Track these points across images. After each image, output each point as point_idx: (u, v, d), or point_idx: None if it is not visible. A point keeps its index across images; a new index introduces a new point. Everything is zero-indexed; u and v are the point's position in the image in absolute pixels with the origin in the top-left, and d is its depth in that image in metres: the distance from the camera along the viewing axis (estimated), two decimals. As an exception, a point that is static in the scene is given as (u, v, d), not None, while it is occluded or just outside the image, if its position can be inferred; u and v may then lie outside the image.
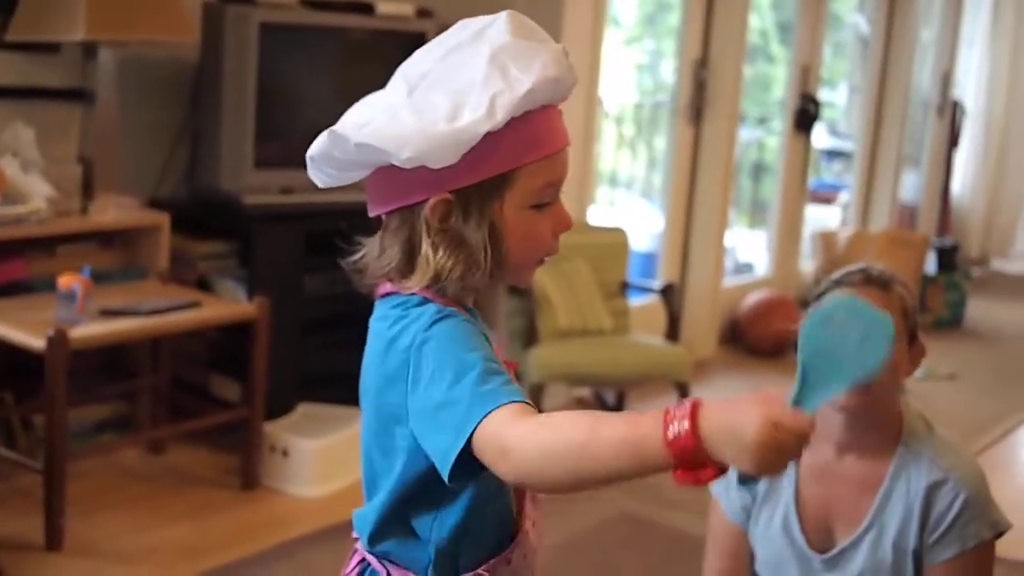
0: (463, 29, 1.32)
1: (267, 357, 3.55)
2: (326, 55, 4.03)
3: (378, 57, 4.08)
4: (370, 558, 1.38)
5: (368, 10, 3.97)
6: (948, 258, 7.08)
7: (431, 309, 1.29)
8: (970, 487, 2.01)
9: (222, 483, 3.65)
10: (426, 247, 1.29)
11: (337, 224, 4.06)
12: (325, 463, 3.63)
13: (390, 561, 1.36)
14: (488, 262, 1.29)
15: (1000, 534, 2.03)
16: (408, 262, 1.31)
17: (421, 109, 1.25)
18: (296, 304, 3.85)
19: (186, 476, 3.70)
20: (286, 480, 3.63)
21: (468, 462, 1.17)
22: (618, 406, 4.51)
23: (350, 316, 4.07)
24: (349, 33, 4.05)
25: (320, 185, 1.38)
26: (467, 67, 1.27)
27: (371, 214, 1.35)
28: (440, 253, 1.28)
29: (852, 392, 1.97)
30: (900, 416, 2.08)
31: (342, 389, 3.94)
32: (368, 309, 1.40)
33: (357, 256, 1.36)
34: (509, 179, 1.28)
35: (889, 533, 2.03)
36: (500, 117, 1.24)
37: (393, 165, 1.26)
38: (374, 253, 1.34)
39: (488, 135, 1.24)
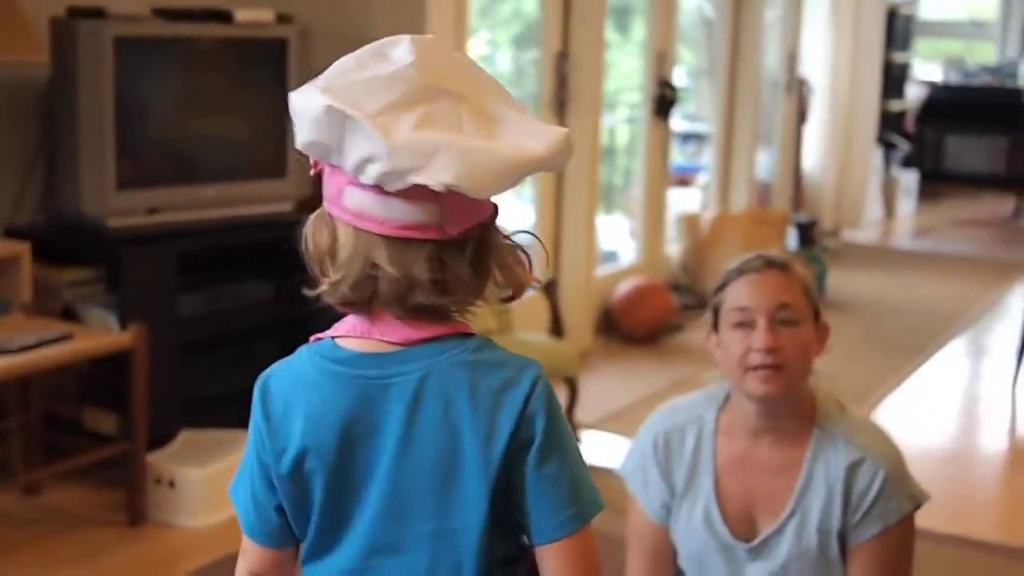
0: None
1: (144, 385, 3.41)
2: (185, 66, 3.88)
3: (239, 66, 3.96)
4: None
5: (226, 18, 3.84)
6: (807, 233, 7.24)
7: (519, 355, 1.29)
8: (888, 463, 2.03)
9: (107, 521, 3.49)
10: (500, 259, 1.28)
11: (209, 242, 3.93)
12: (214, 491, 3.51)
13: None
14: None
15: (919, 506, 2.05)
16: (484, 280, 1.28)
17: (513, 138, 1.23)
18: (171, 327, 3.70)
19: (68, 517, 3.52)
20: (175, 512, 3.49)
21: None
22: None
23: (229, 335, 4.01)
24: (207, 43, 3.91)
25: (485, 194, 1.23)
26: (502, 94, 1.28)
27: (453, 232, 1.22)
28: (505, 267, 1.28)
29: (768, 374, 1.97)
30: (812, 399, 2.09)
31: (224, 411, 3.84)
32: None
33: (421, 285, 1.22)
34: None
35: (812, 517, 2.03)
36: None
37: None
38: (440, 277, 1.23)
39: None
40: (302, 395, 1.29)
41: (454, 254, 1.23)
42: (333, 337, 1.30)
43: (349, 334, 1.28)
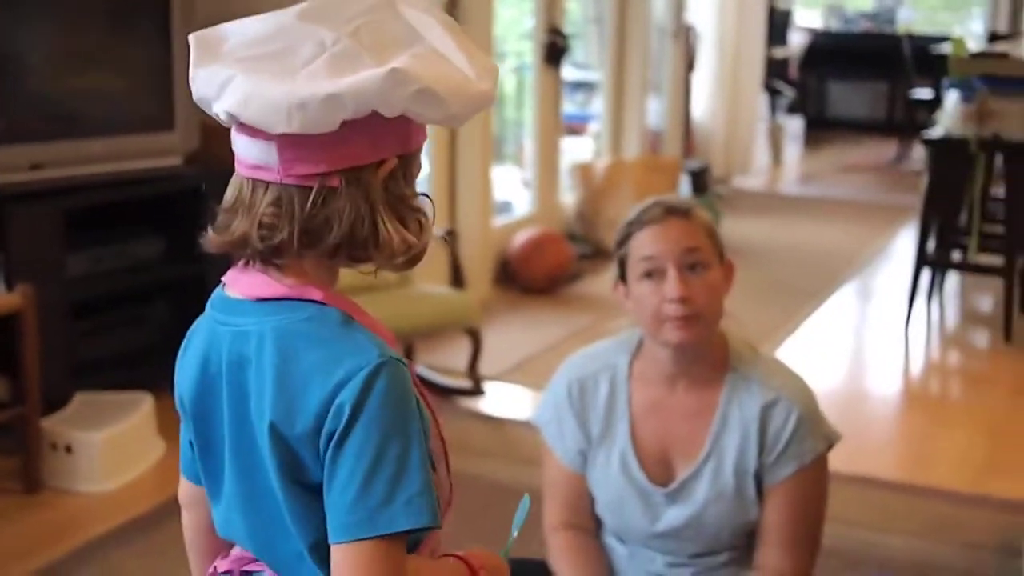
0: None
1: (35, 348, 3.29)
2: (62, 16, 3.72)
3: (121, 15, 3.81)
4: None
5: (105, -35, 3.70)
6: (700, 180, 7.29)
7: (363, 340, 1.17)
8: (801, 404, 2.05)
9: (2, 489, 3.37)
10: (385, 216, 1.16)
11: (96, 198, 3.78)
12: (113, 454, 3.41)
13: None
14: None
15: (832, 445, 2.08)
16: (353, 237, 1.16)
17: (461, 67, 1.15)
18: (60, 287, 3.58)
19: (-40, 487, 3.41)
20: (73, 478, 3.38)
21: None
22: (407, 359, 4.42)
23: (120, 294, 3.89)
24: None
25: (291, 129, 1.12)
26: (435, 29, 1.18)
27: (301, 173, 1.14)
28: (389, 222, 1.17)
29: (683, 322, 1.96)
30: (725, 342, 2.09)
31: (119, 373, 3.74)
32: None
33: (264, 231, 1.16)
34: (418, 154, 1.22)
35: (728, 459, 2.04)
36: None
37: (369, 118, 1.13)
38: (288, 226, 1.15)
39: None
40: (192, 338, 1.28)
41: (298, 201, 1.15)
42: (223, 281, 1.26)
43: (226, 279, 1.25)
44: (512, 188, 6.56)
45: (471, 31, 5.25)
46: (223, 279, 1.25)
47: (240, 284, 1.22)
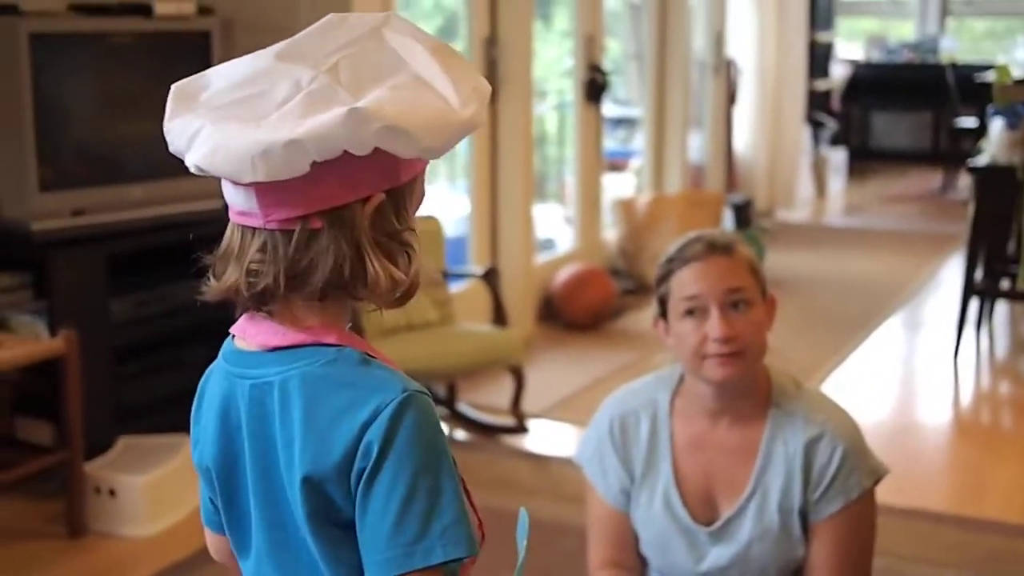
0: (345, 22, 1.17)
1: (79, 393, 3.31)
2: (105, 63, 3.77)
3: (161, 60, 3.85)
4: None
5: (146, 11, 3.73)
6: (743, 213, 7.25)
7: (385, 376, 1.15)
8: (846, 439, 2.01)
9: (47, 533, 3.38)
10: (372, 254, 1.13)
11: (137, 243, 3.83)
12: (156, 498, 3.41)
13: None
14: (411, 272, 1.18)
15: (879, 480, 2.04)
16: (340, 277, 1.14)
17: (438, 96, 1.12)
18: (103, 332, 3.60)
19: (5, 531, 3.41)
20: (116, 522, 3.38)
21: None
22: (450, 398, 4.41)
23: (163, 338, 3.91)
24: (127, 37, 3.79)
25: (259, 178, 1.10)
26: (421, 56, 1.14)
27: (281, 218, 1.13)
28: (377, 260, 1.14)
29: (726, 360, 1.93)
30: (768, 377, 2.06)
31: (163, 417, 3.74)
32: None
33: (251, 278, 1.15)
34: (417, 179, 1.19)
35: (773, 496, 2.01)
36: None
37: (345, 157, 1.10)
38: (273, 271, 1.14)
39: None
40: (206, 391, 1.27)
41: (282, 246, 1.13)
42: (232, 333, 1.24)
43: (235, 331, 1.23)
44: (554, 225, 6.56)
45: (511, 72, 5.28)
46: (232, 330, 1.23)
47: (251, 335, 1.20)
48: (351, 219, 1.13)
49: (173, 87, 1.18)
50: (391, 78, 1.12)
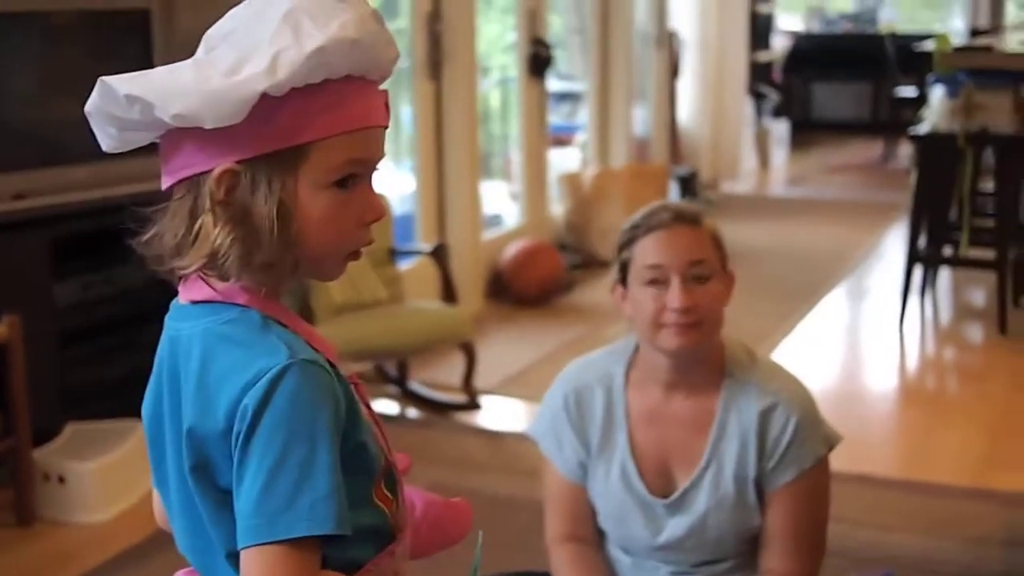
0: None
1: (24, 379, 3.26)
2: (43, 43, 3.70)
3: (101, 39, 3.78)
4: None
5: (83, -10, 3.67)
6: (689, 185, 7.28)
7: (275, 342, 1.14)
8: (800, 408, 2.02)
9: (-6, 523, 3.35)
10: (206, 220, 1.14)
11: (81, 226, 3.75)
12: (106, 484, 3.37)
13: None
14: (275, 244, 1.15)
15: (832, 448, 2.05)
16: (188, 238, 1.16)
17: (202, 65, 1.14)
18: (48, 317, 3.54)
19: (-49, 522, 3.37)
20: (67, 509, 3.35)
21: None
22: (401, 377, 4.40)
23: (110, 321, 3.86)
24: (65, 17, 3.73)
25: (105, 148, 1.21)
26: (262, 24, 1.14)
27: (163, 187, 1.19)
28: (219, 227, 1.13)
29: (683, 329, 1.94)
30: (722, 349, 2.07)
31: (111, 401, 3.69)
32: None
33: (148, 235, 1.19)
34: (303, 152, 1.14)
35: (728, 466, 2.02)
36: (282, 76, 1.11)
37: (183, 129, 1.14)
38: (164, 231, 1.19)
39: (277, 100, 1.12)
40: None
41: (168, 211, 1.18)
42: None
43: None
44: (501, 202, 6.55)
45: (454, 48, 5.25)
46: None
47: (183, 290, 1.22)
48: (199, 187, 1.16)
49: None
50: (224, 48, 1.16)
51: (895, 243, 6.68)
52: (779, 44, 10.99)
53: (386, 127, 1.21)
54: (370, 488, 1.19)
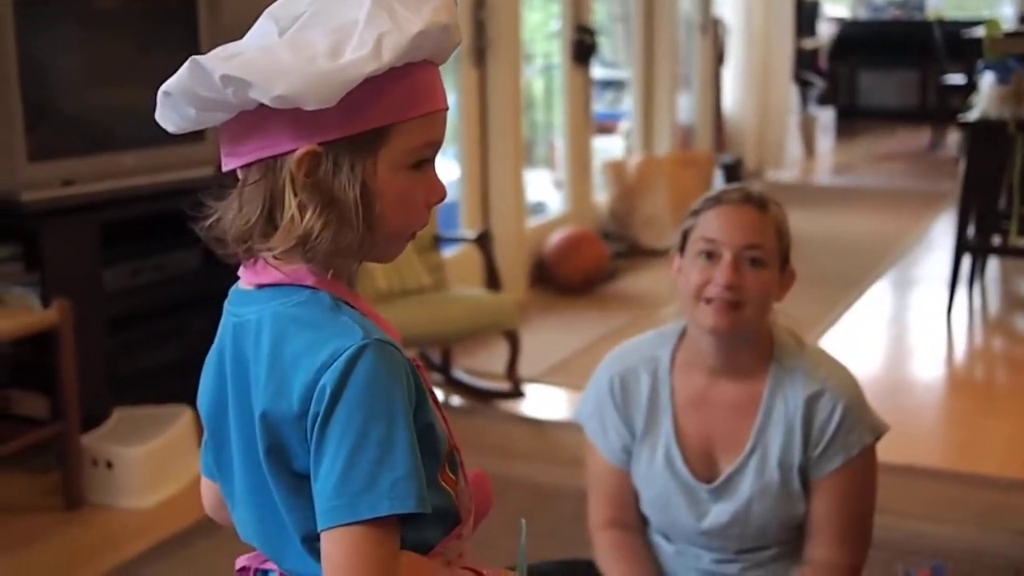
0: None
1: (73, 364, 3.29)
2: (90, 30, 3.73)
3: (148, 26, 3.81)
4: None
5: (130, -23, 3.70)
6: (733, 173, 7.24)
7: (349, 323, 1.13)
8: (847, 395, 2.01)
9: (43, 506, 3.37)
10: (291, 203, 1.13)
11: (130, 212, 3.79)
12: (153, 469, 3.40)
13: None
14: (361, 226, 1.14)
15: (879, 437, 2.03)
16: (269, 222, 1.15)
17: (298, 46, 1.12)
18: (97, 302, 3.58)
19: (2, 506, 3.39)
20: (114, 494, 3.37)
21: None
22: (445, 364, 4.41)
23: (159, 307, 3.89)
24: (112, 3, 3.76)
25: (171, 129, 1.20)
26: (348, 6, 1.13)
27: (226, 168, 1.18)
28: (309, 211, 1.13)
29: (722, 306, 1.93)
30: (770, 334, 2.06)
31: (158, 386, 3.73)
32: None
33: (211, 219, 1.18)
34: (385, 134, 1.15)
35: (773, 453, 2.00)
36: (387, 59, 1.11)
37: (259, 109, 1.12)
38: (230, 213, 1.17)
39: (368, 81, 1.11)
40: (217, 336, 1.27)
41: (238, 192, 1.17)
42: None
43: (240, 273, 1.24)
44: (545, 189, 6.54)
45: (499, 34, 5.25)
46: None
47: (245, 274, 1.21)
48: (277, 169, 1.14)
49: None
50: (311, 28, 1.14)
51: (943, 232, 6.61)
52: (825, 31, 10.89)
53: (448, 110, 1.22)
54: (436, 470, 1.19)
